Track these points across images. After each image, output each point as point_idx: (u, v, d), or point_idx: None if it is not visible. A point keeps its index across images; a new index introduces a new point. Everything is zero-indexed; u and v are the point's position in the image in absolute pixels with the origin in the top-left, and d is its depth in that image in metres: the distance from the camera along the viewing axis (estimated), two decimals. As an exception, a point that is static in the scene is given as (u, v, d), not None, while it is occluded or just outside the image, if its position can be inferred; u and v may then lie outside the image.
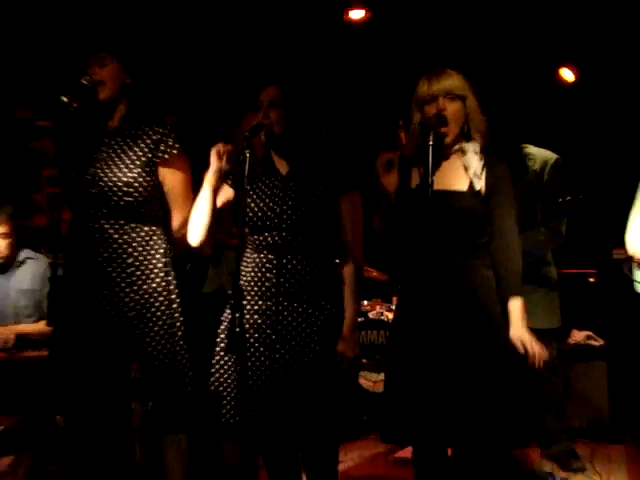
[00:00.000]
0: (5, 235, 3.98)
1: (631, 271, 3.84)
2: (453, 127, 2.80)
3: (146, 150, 2.96)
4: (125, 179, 2.91)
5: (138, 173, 2.94)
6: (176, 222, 3.04)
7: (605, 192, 4.43)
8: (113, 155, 2.96)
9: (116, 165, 2.94)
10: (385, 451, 4.54)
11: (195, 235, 2.98)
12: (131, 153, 2.96)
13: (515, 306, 2.80)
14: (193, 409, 3.09)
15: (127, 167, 2.94)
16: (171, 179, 3.00)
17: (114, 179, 2.91)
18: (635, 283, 3.81)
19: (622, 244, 3.89)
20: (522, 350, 2.73)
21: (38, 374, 3.47)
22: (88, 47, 3.00)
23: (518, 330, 2.76)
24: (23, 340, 3.87)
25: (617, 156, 4.72)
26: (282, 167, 3.05)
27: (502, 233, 2.83)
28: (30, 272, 4.06)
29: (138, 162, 2.95)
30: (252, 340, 2.95)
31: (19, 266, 4.08)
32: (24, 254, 4.08)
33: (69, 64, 2.92)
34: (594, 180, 5.05)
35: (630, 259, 3.83)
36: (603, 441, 4.63)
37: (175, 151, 2.98)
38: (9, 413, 3.62)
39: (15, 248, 4.05)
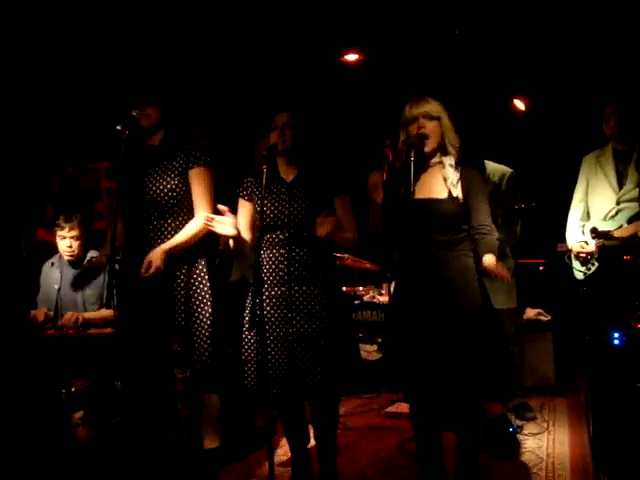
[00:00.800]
0: (77, 237, 4.10)
1: (570, 261, 4.02)
2: (432, 140, 2.91)
3: (181, 162, 3.07)
4: (169, 187, 3.04)
5: (178, 180, 3.05)
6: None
7: (550, 200, 4.53)
8: (157, 169, 3.08)
9: (160, 177, 3.06)
10: (377, 407, 4.61)
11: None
12: (170, 166, 3.08)
13: (488, 255, 2.84)
14: (224, 376, 3.16)
15: (169, 177, 3.06)
16: (195, 183, 3.07)
17: (160, 187, 3.04)
18: (574, 270, 4.00)
19: (564, 240, 4.08)
20: (492, 273, 2.79)
21: (101, 348, 3.67)
22: (131, 101, 3.04)
23: (487, 260, 2.81)
24: (88, 323, 3.98)
25: (560, 171, 4.78)
26: (287, 176, 3.18)
27: (479, 223, 2.90)
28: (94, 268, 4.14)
29: (176, 172, 3.07)
30: (272, 319, 3.06)
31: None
32: (90, 254, 4.19)
33: (115, 121, 2.89)
34: (542, 190, 5.13)
35: (569, 252, 4.01)
36: (550, 395, 4.72)
37: (201, 162, 3.08)
38: (80, 377, 3.72)
39: (84, 248, 4.16)
